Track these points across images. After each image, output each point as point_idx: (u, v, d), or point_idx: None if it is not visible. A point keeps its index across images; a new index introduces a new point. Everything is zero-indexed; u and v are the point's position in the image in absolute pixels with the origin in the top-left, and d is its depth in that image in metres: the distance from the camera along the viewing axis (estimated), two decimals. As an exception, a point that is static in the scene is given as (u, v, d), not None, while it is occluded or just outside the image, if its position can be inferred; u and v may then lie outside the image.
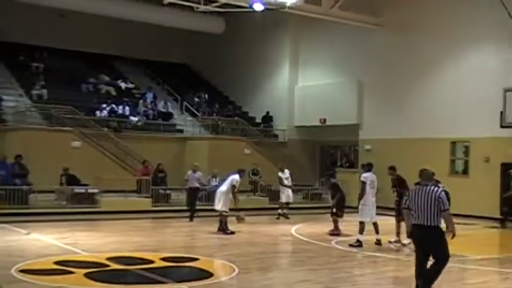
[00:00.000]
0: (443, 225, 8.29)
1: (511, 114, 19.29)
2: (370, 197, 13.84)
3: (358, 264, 12.12)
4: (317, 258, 12.37)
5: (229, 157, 24.94)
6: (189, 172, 18.89)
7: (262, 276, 10.43)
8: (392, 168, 14.57)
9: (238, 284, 9.66)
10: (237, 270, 10.44)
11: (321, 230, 16.33)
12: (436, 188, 8.19)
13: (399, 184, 14.39)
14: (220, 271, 10.37)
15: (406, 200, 8.29)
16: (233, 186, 15.75)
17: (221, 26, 30.04)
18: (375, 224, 14.06)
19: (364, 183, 13.83)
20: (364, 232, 13.87)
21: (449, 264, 11.86)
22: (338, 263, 11.99)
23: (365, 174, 14.07)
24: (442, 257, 8.28)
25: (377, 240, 13.97)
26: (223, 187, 15.99)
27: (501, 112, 19.66)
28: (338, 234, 15.57)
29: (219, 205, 15.87)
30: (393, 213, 14.68)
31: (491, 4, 19.82)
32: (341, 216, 15.99)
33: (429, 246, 8.20)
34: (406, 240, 14.14)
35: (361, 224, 13.89)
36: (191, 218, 18.52)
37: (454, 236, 8.35)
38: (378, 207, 14.36)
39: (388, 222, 14.88)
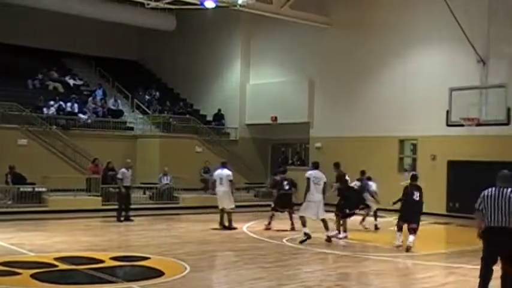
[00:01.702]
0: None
1: (456, 113, 19.78)
2: (314, 193, 14.01)
3: (309, 261, 12.22)
4: (269, 255, 12.42)
5: (180, 155, 24.85)
6: (123, 170, 18.13)
7: (214, 275, 10.41)
8: (335, 165, 15.34)
9: (189, 282, 9.61)
10: (188, 268, 10.38)
11: (273, 228, 16.41)
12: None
13: (339, 180, 15.12)
14: (172, 270, 10.28)
15: (481, 202, 8.01)
16: (231, 181, 16.53)
17: (172, 23, 29.81)
18: (324, 221, 14.23)
19: (308, 179, 14.09)
20: (314, 229, 14.07)
21: (398, 260, 12.17)
22: (289, 260, 12.07)
23: (309, 172, 14.36)
24: None
25: (327, 237, 14.15)
26: (223, 187, 16.45)
27: (447, 111, 20.16)
28: (269, 229, 16.24)
29: (226, 204, 16.43)
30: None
31: (436, 5, 20.30)
32: (280, 212, 16.66)
33: (501, 249, 7.87)
34: (341, 234, 14.65)
35: (302, 218, 14.15)
36: (120, 218, 17.81)
37: None
38: (328, 204, 14.57)
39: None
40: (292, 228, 16.06)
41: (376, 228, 16.97)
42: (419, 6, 22.48)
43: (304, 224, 14.07)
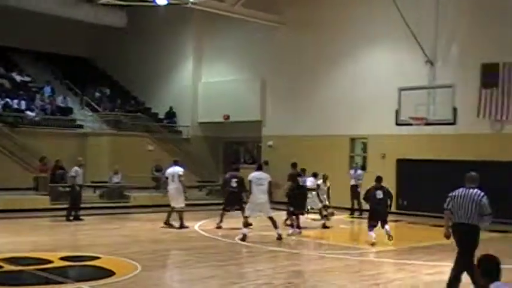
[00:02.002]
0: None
1: (405, 112, 20.17)
2: (256, 195, 14.22)
3: (261, 260, 12.25)
4: (221, 254, 12.40)
5: (131, 153, 24.58)
6: (76, 168, 17.92)
7: (166, 274, 10.33)
8: (292, 165, 16.30)
9: (141, 282, 9.50)
10: (139, 268, 10.26)
11: (225, 226, 16.40)
12: (479, 192, 8.50)
13: (290, 179, 15.85)
14: (122, 269, 10.14)
15: (449, 201, 8.60)
16: (180, 176, 16.42)
17: (123, 19, 29.40)
18: (272, 219, 14.34)
19: (250, 182, 14.41)
20: (265, 228, 14.16)
21: (349, 257, 12.34)
22: (241, 259, 12.08)
23: (252, 174, 14.60)
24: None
25: (278, 235, 14.22)
26: (175, 184, 16.42)
27: (396, 110, 20.53)
28: (220, 227, 16.25)
29: (175, 202, 16.44)
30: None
31: (386, 5, 20.64)
32: (227, 210, 16.68)
33: (465, 243, 8.51)
34: (290, 230, 15.05)
35: (245, 217, 14.44)
36: (70, 217, 17.49)
37: None
38: (280, 202, 14.71)
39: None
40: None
41: (325, 227, 17.05)
42: (370, 6, 22.79)
43: (245, 225, 14.29)
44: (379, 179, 14.29)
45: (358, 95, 23.09)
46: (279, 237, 14.20)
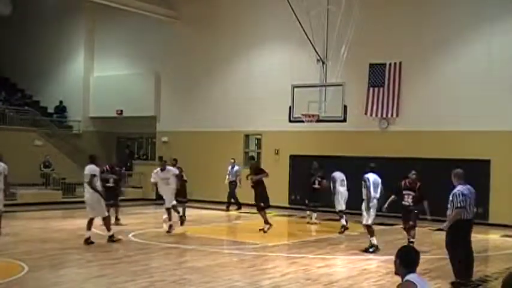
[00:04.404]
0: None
1: (298, 109, 20.59)
2: (85, 193, 13.24)
3: (156, 256, 12.12)
4: (114, 252, 12.13)
5: (18, 148, 23.46)
6: None
7: (55, 274, 9.94)
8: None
9: (28, 283, 9.10)
10: (26, 268, 9.84)
11: (122, 223, 16.06)
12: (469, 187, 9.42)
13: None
14: (7, 271, 9.66)
15: (462, 200, 9.21)
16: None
17: (7, 6, 27.97)
18: (104, 220, 13.51)
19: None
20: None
21: (242, 252, 12.45)
22: (135, 256, 11.86)
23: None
24: None
25: (108, 237, 13.30)
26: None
27: (290, 107, 20.93)
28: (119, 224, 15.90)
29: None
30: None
31: (280, 6, 20.98)
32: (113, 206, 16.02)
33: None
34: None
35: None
36: None
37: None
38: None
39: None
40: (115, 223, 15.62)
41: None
42: (265, 7, 23.11)
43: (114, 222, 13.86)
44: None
45: (254, 91, 23.35)
46: (112, 239, 13.24)
